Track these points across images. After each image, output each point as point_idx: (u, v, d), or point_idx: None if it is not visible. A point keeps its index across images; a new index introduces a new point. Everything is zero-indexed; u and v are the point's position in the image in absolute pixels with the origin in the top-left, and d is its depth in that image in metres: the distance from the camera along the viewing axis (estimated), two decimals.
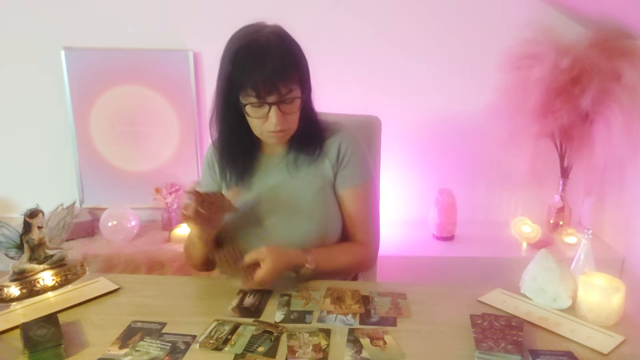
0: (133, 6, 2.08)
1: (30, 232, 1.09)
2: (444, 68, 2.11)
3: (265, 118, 1.11)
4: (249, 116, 1.13)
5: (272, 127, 1.11)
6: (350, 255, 1.26)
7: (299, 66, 1.12)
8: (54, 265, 1.14)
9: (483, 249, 1.99)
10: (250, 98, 1.09)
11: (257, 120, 1.13)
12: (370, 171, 1.28)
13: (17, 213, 1.13)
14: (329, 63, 2.05)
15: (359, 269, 1.35)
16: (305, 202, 1.21)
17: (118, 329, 1.00)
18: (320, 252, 1.19)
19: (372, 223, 1.30)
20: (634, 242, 1.86)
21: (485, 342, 0.90)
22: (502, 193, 2.24)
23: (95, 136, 2.19)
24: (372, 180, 1.29)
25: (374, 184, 1.32)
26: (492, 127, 1.97)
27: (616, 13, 1.73)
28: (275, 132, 1.13)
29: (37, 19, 2.10)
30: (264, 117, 1.11)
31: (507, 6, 2.02)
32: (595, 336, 0.97)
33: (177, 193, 2.16)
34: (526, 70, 1.86)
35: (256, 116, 1.12)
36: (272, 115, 1.10)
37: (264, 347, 0.93)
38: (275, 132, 1.13)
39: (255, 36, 1.08)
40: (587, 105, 1.74)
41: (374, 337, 0.97)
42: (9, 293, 1.07)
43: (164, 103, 2.16)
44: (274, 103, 1.09)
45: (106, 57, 2.11)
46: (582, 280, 1.04)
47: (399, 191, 2.22)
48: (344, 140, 1.24)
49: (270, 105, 1.09)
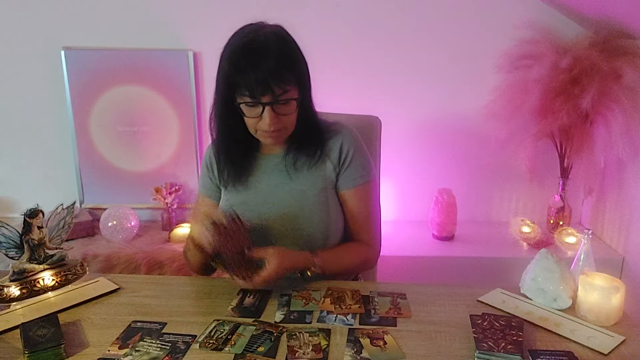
0: (133, 6, 2.08)
1: (30, 232, 1.09)
2: (444, 68, 2.11)
3: (260, 118, 1.11)
4: (245, 115, 1.13)
5: (265, 127, 1.11)
6: (355, 256, 1.26)
7: (296, 67, 1.11)
8: (54, 265, 1.14)
9: (483, 249, 1.99)
10: (245, 98, 1.09)
11: (251, 120, 1.13)
12: (371, 170, 1.27)
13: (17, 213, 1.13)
14: (329, 63, 2.05)
15: (363, 268, 1.36)
16: (307, 205, 1.21)
17: (118, 329, 1.00)
18: (326, 255, 1.19)
19: (375, 222, 1.29)
20: (634, 242, 1.86)
21: (485, 342, 0.90)
22: (502, 193, 2.24)
23: (95, 136, 2.19)
24: (374, 179, 1.29)
25: (376, 183, 1.32)
26: (492, 127, 1.97)
27: (616, 13, 1.73)
28: (269, 132, 1.13)
29: (37, 19, 2.10)
30: (258, 117, 1.11)
31: (507, 6, 2.03)
32: (595, 336, 0.97)
33: (177, 193, 2.16)
34: (526, 70, 1.86)
35: (251, 115, 1.12)
36: (266, 115, 1.10)
37: (264, 347, 0.93)
38: (269, 132, 1.13)
39: (253, 36, 1.08)
40: (587, 105, 1.74)
41: (374, 337, 0.97)
42: (9, 293, 1.07)
43: (164, 103, 2.16)
44: (267, 103, 1.09)
45: (106, 57, 2.11)
46: (582, 280, 1.04)
47: (399, 191, 2.22)
48: (346, 141, 1.24)
49: (264, 106, 1.09)
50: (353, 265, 1.27)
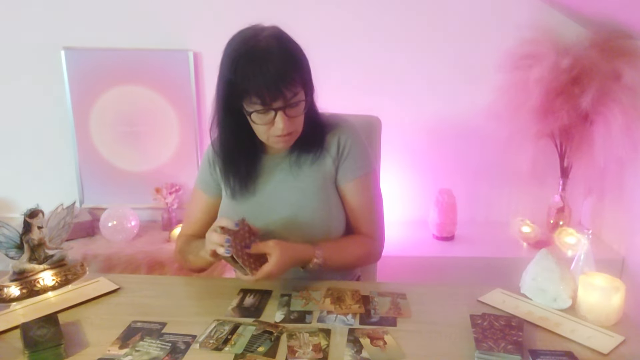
0: (133, 6, 2.08)
1: (30, 232, 1.09)
2: (444, 68, 2.11)
3: (272, 124, 1.10)
4: (255, 123, 1.11)
5: (279, 131, 1.10)
6: (357, 248, 1.25)
7: (301, 68, 1.10)
8: (54, 265, 1.14)
9: (483, 249, 1.99)
10: (255, 105, 1.07)
11: (263, 127, 1.11)
12: (370, 162, 1.26)
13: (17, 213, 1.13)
14: (329, 63, 2.05)
15: (367, 261, 1.33)
16: (309, 201, 1.21)
17: (118, 329, 1.00)
18: (328, 246, 1.17)
19: (376, 214, 1.28)
20: (634, 242, 1.86)
21: (485, 342, 0.90)
22: (502, 193, 2.24)
23: (95, 136, 2.19)
24: (373, 171, 1.27)
25: (376, 175, 1.30)
26: (492, 127, 1.97)
27: (616, 13, 1.73)
28: (282, 136, 1.12)
29: (37, 19, 2.10)
30: (270, 123, 1.10)
31: (507, 6, 2.03)
32: (595, 336, 0.97)
33: (177, 193, 2.16)
34: (526, 70, 1.86)
35: (262, 122, 1.10)
36: (279, 120, 1.08)
37: (264, 347, 0.93)
38: (282, 136, 1.12)
39: (255, 41, 1.06)
40: (587, 105, 1.74)
41: (374, 337, 0.97)
42: (9, 293, 1.07)
43: (164, 103, 2.16)
44: (279, 108, 1.07)
45: (106, 57, 2.12)
46: (582, 280, 1.04)
47: (399, 191, 2.22)
48: (343, 134, 1.23)
49: (276, 111, 1.08)
50: (356, 257, 1.25)
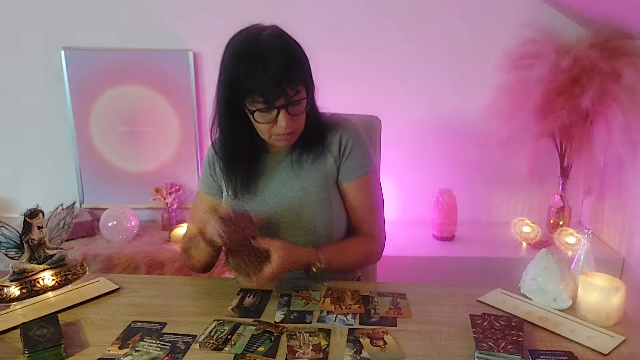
0: (133, 6, 2.08)
1: (30, 232, 1.09)
2: (444, 68, 2.11)
3: (274, 122, 1.10)
4: (257, 122, 1.11)
5: (281, 130, 1.11)
6: (360, 250, 1.25)
7: (302, 66, 1.11)
8: (54, 265, 1.14)
9: (483, 249, 1.99)
10: (258, 104, 1.07)
11: (265, 125, 1.11)
12: (372, 161, 1.26)
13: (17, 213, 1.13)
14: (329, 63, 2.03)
15: (368, 261, 1.33)
16: (310, 200, 1.20)
17: (118, 329, 1.00)
18: (331, 249, 1.18)
19: (378, 214, 1.28)
20: (634, 242, 1.86)
21: (485, 342, 0.90)
22: (502, 193, 2.24)
23: (95, 136, 2.19)
24: (375, 170, 1.27)
25: (377, 174, 1.31)
26: (492, 127, 1.97)
27: (616, 13, 1.73)
28: (285, 134, 1.12)
29: (37, 19, 2.10)
30: (272, 122, 1.10)
31: (507, 6, 2.02)
32: (596, 336, 0.97)
33: (177, 193, 2.16)
34: (526, 70, 1.86)
35: (265, 121, 1.10)
36: (281, 118, 1.09)
37: (264, 347, 0.93)
38: (285, 134, 1.12)
39: (256, 40, 1.07)
40: (587, 105, 1.74)
41: (374, 337, 0.97)
42: (9, 293, 1.07)
43: (164, 103, 2.16)
44: (282, 106, 1.08)
45: (106, 57, 2.11)
46: (582, 280, 1.04)
47: (399, 191, 2.22)
48: (344, 133, 1.23)
49: (279, 109, 1.08)
50: (358, 259, 1.26)
